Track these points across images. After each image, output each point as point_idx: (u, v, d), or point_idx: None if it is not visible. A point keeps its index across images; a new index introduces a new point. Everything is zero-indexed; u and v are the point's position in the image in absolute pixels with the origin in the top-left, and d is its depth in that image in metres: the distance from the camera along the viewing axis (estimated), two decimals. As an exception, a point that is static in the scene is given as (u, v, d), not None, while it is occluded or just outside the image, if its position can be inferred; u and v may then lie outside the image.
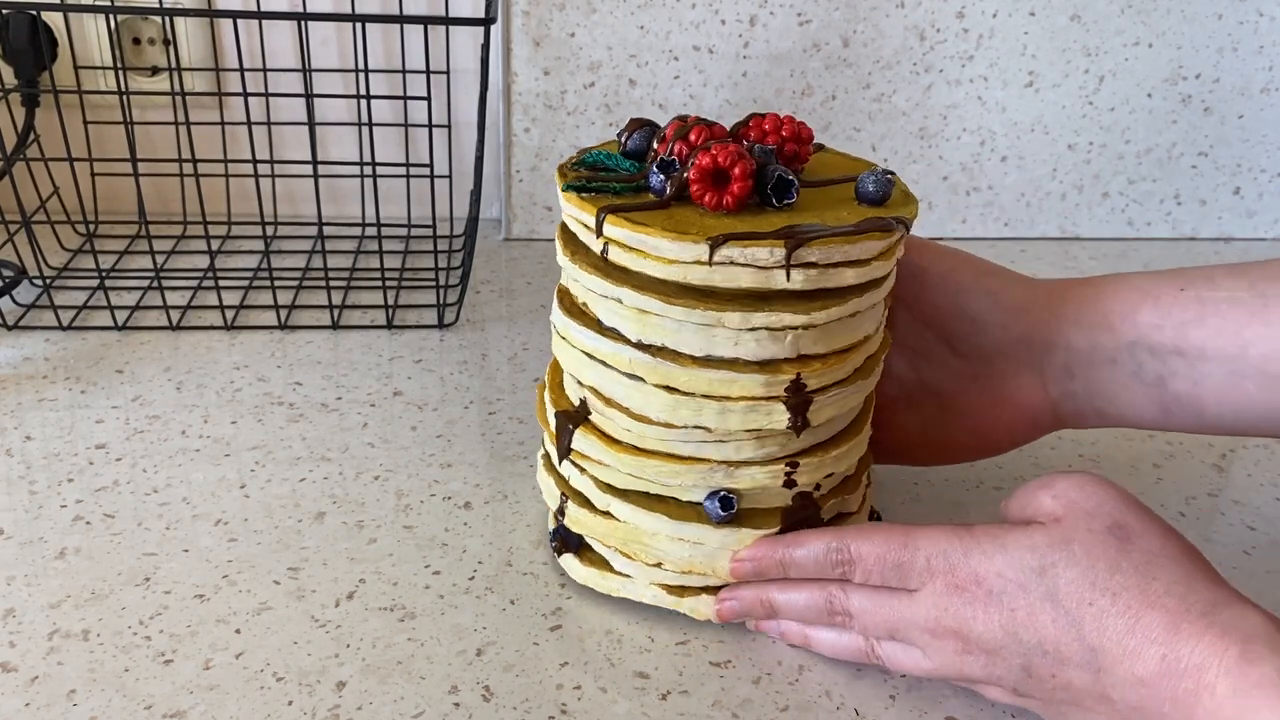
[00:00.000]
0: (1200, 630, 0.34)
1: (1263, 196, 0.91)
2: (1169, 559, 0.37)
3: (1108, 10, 0.83)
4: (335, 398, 0.63)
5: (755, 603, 0.45)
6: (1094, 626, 0.36)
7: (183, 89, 0.69)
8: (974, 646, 0.39)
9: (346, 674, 0.43)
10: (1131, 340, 0.47)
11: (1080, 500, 0.39)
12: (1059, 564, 0.37)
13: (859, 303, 0.43)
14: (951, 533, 0.40)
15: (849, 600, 0.42)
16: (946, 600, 0.39)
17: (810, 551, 0.43)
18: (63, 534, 0.51)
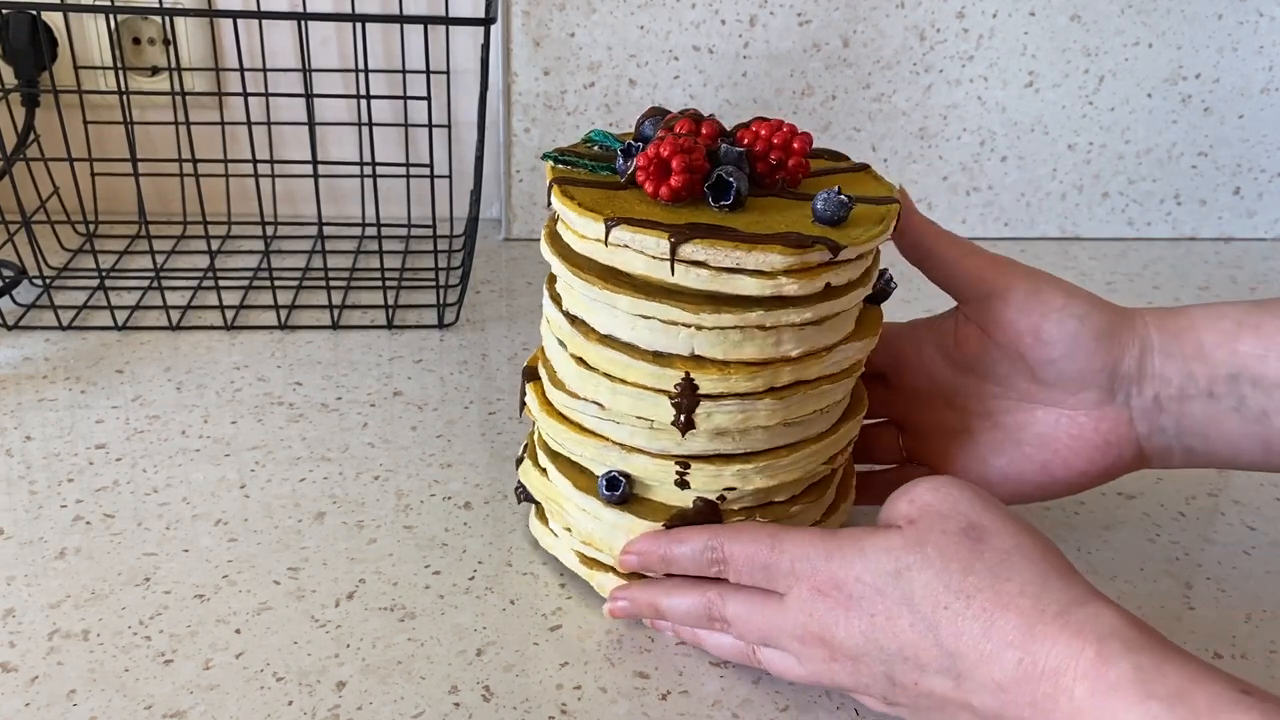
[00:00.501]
0: (1055, 631, 0.34)
1: (1263, 196, 0.91)
2: (1023, 558, 0.36)
3: (1108, 10, 0.83)
4: (335, 398, 0.63)
5: (644, 605, 0.45)
6: (950, 631, 0.36)
7: (183, 89, 0.69)
8: (839, 654, 0.39)
9: (346, 674, 0.43)
10: (1232, 372, 0.44)
11: (935, 503, 0.38)
12: (913, 567, 0.37)
13: (765, 317, 0.41)
14: (816, 536, 0.40)
15: (725, 608, 0.42)
16: (811, 605, 0.39)
17: (690, 549, 0.43)
18: (63, 534, 0.51)
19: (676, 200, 0.42)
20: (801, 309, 0.41)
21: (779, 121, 0.45)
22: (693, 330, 0.41)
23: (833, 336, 0.44)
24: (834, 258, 0.41)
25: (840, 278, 0.42)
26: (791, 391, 0.43)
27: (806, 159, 0.45)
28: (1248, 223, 0.92)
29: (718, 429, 0.43)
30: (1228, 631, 0.48)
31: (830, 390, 0.44)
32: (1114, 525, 0.55)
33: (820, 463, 0.46)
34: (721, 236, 0.40)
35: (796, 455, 0.45)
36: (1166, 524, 0.55)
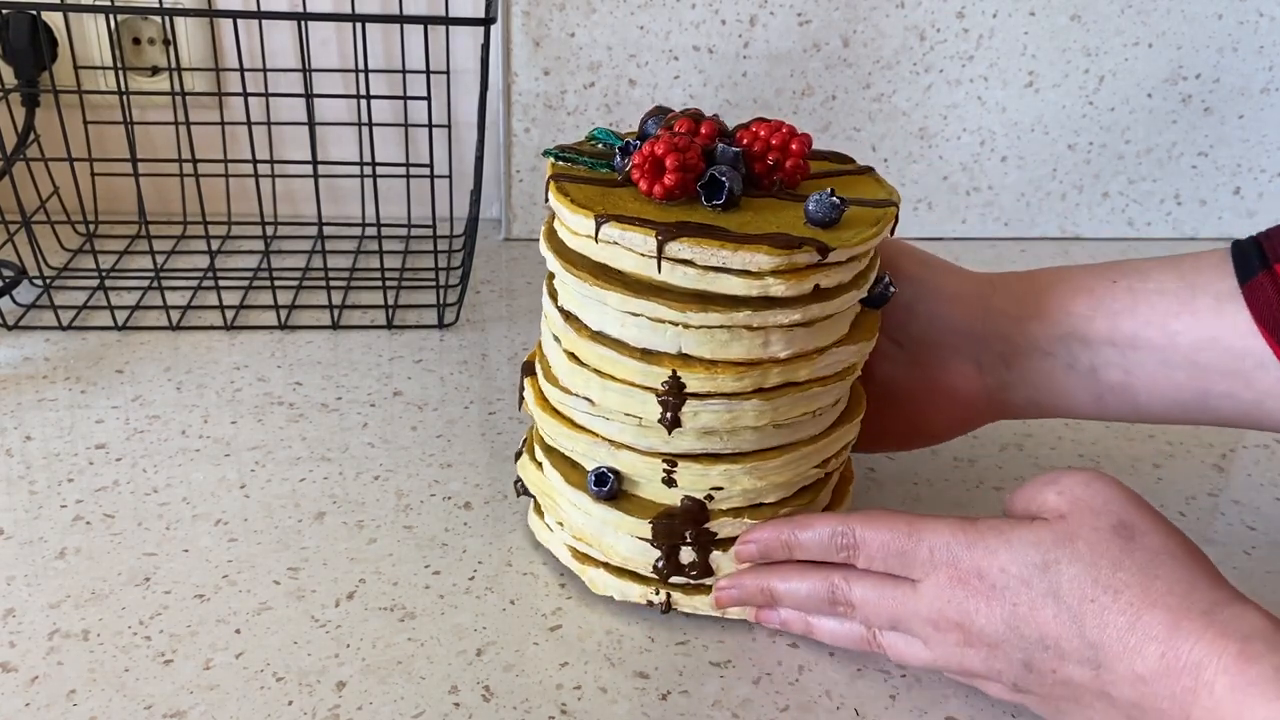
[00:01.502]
0: (1200, 629, 0.35)
1: (1263, 196, 0.91)
2: (1171, 558, 0.37)
3: (1108, 10, 0.83)
4: (335, 398, 0.63)
5: (756, 590, 0.45)
6: (1095, 623, 0.36)
7: (183, 89, 0.69)
8: (975, 639, 0.39)
9: (346, 674, 0.43)
10: (1065, 332, 0.48)
11: (1086, 497, 0.39)
12: (1062, 560, 0.37)
13: (752, 317, 0.41)
14: (956, 525, 0.40)
15: (852, 590, 0.42)
16: (949, 593, 0.39)
17: (816, 535, 0.43)
18: (63, 534, 0.51)
19: (670, 199, 0.42)
20: (790, 310, 0.41)
21: (779, 123, 0.45)
22: (680, 329, 0.42)
23: (824, 339, 0.44)
24: (822, 259, 0.41)
25: (830, 280, 0.42)
26: (780, 393, 0.43)
27: (805, 161, 0.45)
28: (1248, 223, 0.92)
29: (704, 428, 0.43)
30: (1228, 631, 0.48)
31: (821, 394, 0.44)
32: (1114, 525, 0.55)
33: (811, 466, 0.46)
34: (708, 235, 0.40)
35: (785, 458, 0.45)
36: (1166, 524, 0.55)
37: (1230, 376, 0.45)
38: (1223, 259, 0.46)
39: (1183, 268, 0.47)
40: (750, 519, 0.45)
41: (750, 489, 0.45)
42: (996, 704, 0.43)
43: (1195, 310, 0.46)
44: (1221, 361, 0.45)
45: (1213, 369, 0.46)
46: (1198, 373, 0.46)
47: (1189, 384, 0.46)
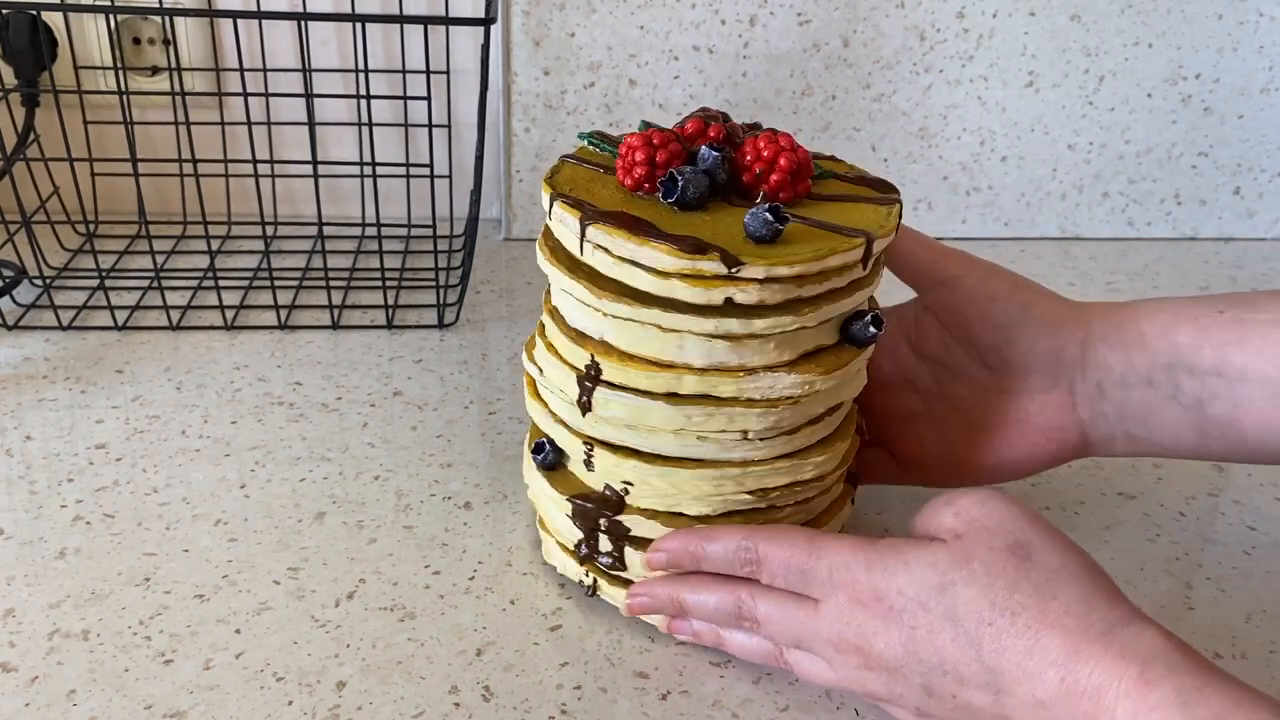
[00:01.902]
0: (1099, 651, 0.34)
1: (1263, 196, 0.91)
2: (1069, 577, 0.36)
3: (1108, 10, 0.83)
4: (335, 398, 0.63)
5: (667, 600, 0.44)
6: (993, 647, 0.36)
7: (183, 89, 0.69)
8: (875, 663, 0.39)
9: (346, 674, 0.43)
10: (1169, 361, 0.45)
11: (981, 517, 0.38)
12: (958, 582, 0.37)
13: (663, 317, 0.41)
14: (857, 545, 0.40)
15: (757, 607, 0.42)
16: (849, 614, 0.39)
17: (722, 548, 0.43)
18: (63, 534, 0.51)
19: (638, 190, 0.43)
20: (701, 319, 0.41)
21: (780, 136, 0.44)
22: (600, 315, 0.42)
23: (752, 359, 0.42)
24: (729, 272, 0.39)
25: (749, 297, 0.40)
26: (695, 403, 0.42)
27: (794, 178, 0.43)
28: (1248, 223, 0.92)
29: (613, 418, 0.44)
30: (1228, 631, 0.48)
31: (747, 416, 0.42)
32: (1114, 525, 0.55)
33: (740, 490, 0.44)
34: (627, 227, 0.41)
35: (704, 473, 0.44)
36: (1166, 524, 0.55)
37: None
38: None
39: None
40: (665, 525, 0.45)
41: (663, 493, 0.44)
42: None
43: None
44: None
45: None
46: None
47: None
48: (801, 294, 0.41)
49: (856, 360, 0.44)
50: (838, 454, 0.46)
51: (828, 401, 0.45)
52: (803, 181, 0.44)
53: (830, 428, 0.46)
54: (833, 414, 0.46)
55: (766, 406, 0.42)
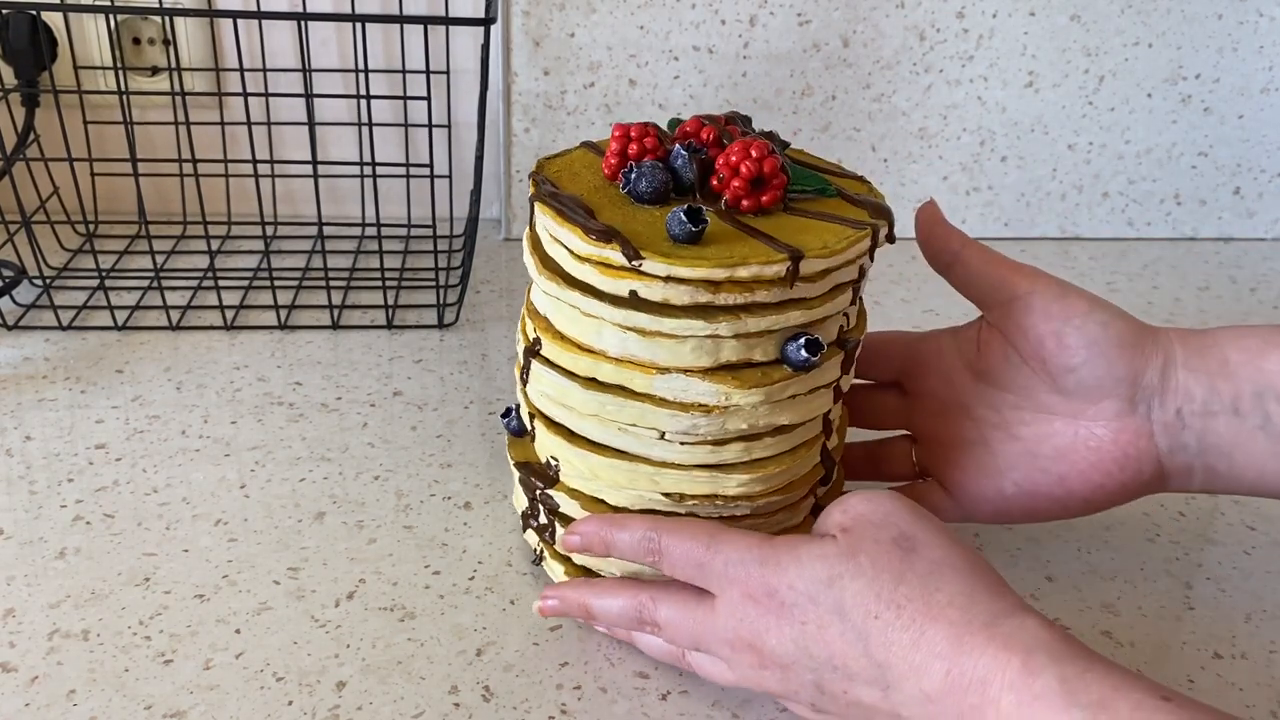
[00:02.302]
0: (983, 643, 0.34)
1: (1263, 196, 0.91)
2: (953, 569, 0.37)
3: (1108, 10, 0.83)
4: (335, 398, 0.63)
5: (574, 604, 0.45)
6: (879, 641, 0.36)
7: (183, 89, 0.69)
8: (769, 660, 0.39)
9: (346, 674, 0.43)
10: (1258, 389, 0.43)
11: (867, 513, 0.39)
12: (845, 575, 0.37)
13: (580, 300, 0.41)
14: (754, 541, 0.39)
15: (657, 611, 0.42)
16: (742, 611, 0.39)
17: (629, 536, 0.42)
18: (63, 534, 0.51)
19: (614, 180, 0.45)
20: (613, 309, 0.41)
21: (755, 145, 0.42)
22: (540, 291, 0.44)
23: (660, 357, 0.41)
24: (630, 265, 0.39)
25: (652, 293, 0.40)
26: (612, 393, 0.43)
27: (754, 188, 0.42)
28: (1248, 223, 0.92)
29: (542, 393, 0.45)
30: (1228, 631, 0.48)
31: (658, 414, 0.42)
32: (1114, 525, 0.55)
33: (655, 490, 0.44)
34: (556, 205, 0.42)
35: (618, 464, 0.44)
36: (1166, 524, 0.55)
37: None
38: None
39: None
40: (585, 508, 0.45)
41: (585, 475, 0.45)
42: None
43: None
44: None
45: None
46: None
47: None
48: (715, 301, 0.40)
49: (788, 383, 0.42)
50: (771, 479, 0.44)
51: (760, 419, 0.43)
52: (768, 191, 0.42)
53: (771, 450, 0.44)
54: (776, 435, 0.44)
55: (679, 409, 0.42)
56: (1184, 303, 0.81)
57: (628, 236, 0.40)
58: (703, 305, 0.40)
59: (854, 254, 0.42)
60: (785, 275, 0.40)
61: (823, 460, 0.47)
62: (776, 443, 0.44)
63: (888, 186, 0.87)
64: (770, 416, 0.43)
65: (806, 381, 0.43)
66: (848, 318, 0.45)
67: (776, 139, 0.47)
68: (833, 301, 0.43)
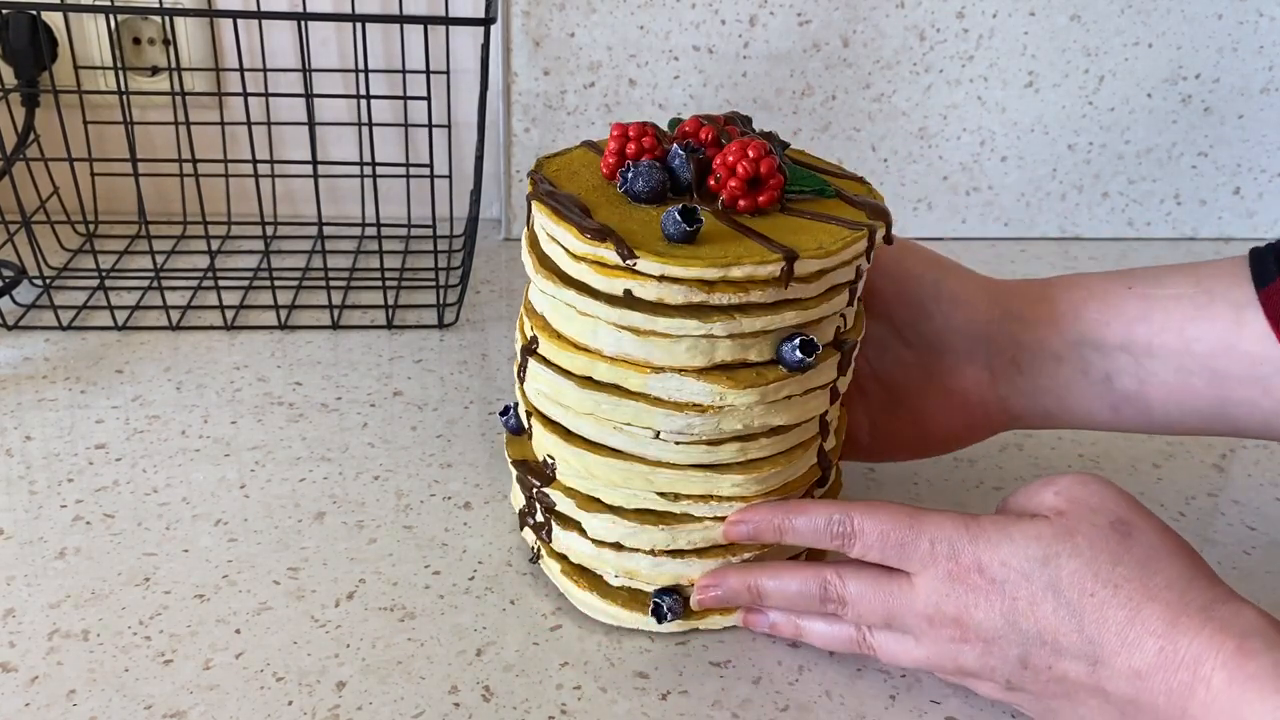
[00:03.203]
0: (1198, 625, 0.35)
1: (1263, 196, 0.91)
2: (1169, 555, 0.37)
3: (1108, 10, 0.83)
4: (335, 398, 0.63)
5: (742, 589, 0.44)
6: (1094, 617, 0.36)
7: (183, 89, 0.69)
8: (971, 634, 0.39)
9: (346, 674, 0.43)
10: (1077, 337, 0.47)
11: (1084, 496, 0.39)
12: (1063, 554, 0.38)
13: (576, 299, 0.42)
14: (958, 519, 0.40)
15: (845, 587, 0.42)
16: (947, 587, 0.39)
17: (811, 521, 0.43)
18: (63, 534, 0.51)
19: (612, 179, 0.45)
20: (608, 308, 0.41)
21: (753, 145, 0.42)
22: (537, 289, 0.44)
23: (655, 356, 0.41)
24: (625, 264, 0.40)
25: (647, 292, 0.40)
26: (607, 391, 0.43)
27: (751, 188, 0.42)
28: (1248, 223, 0.92)
29: (539, 391, 0.45)
30: (1228, 631, 0.48)
31: (653, 414, 0.42)
32: (1114, 525, 0.55)
33: (650, 489, 0.44)
34: (552, 204, 0.42)
35: (613, 463, 0.44)
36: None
37: (1249, 384, 0.45)
38: (1240, 265, 0.46)
39: (1199, 274, 0.46)
40: (581, 507, 0.45)
41: (580, 474, 0.45)
42: (997, 705, 0.43)
43: (1212, 316, 0.45)
44: (1240, 368, 0.44)
45: (1231, 376, 0.45)
46: (1215, 380, 0.45)
47: (1206, 392, 0.45)
48: (709, 300, 0.40)
49: (783, 383, 0.42)
50: (767, 479, 0.44)
51: (755, 419, 0.43)
52: (765, 192, 0.42)
53: (767, 450, 0.44)
54: (772, 436, 0.44)
55: (673, 409, 0.42)
56: (1184, 303, 0.81)
57: (623, 235, 0.40)
58: (697, 305, 0.40)
59: (849, 255, 0.42)
60: (780, 275, 0.40)
61: (819, 462, 0.47)
62: (772, 443, 0.44)
63: (888, 186, 0.87)
64: (765, 417, 0.43)
65: (802, 382, 0.43)
66: (844, 319, 0.45)
67: (776, 139, 0.47)
68: (829, 302, 0.43)
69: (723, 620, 0.46)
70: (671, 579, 0.45)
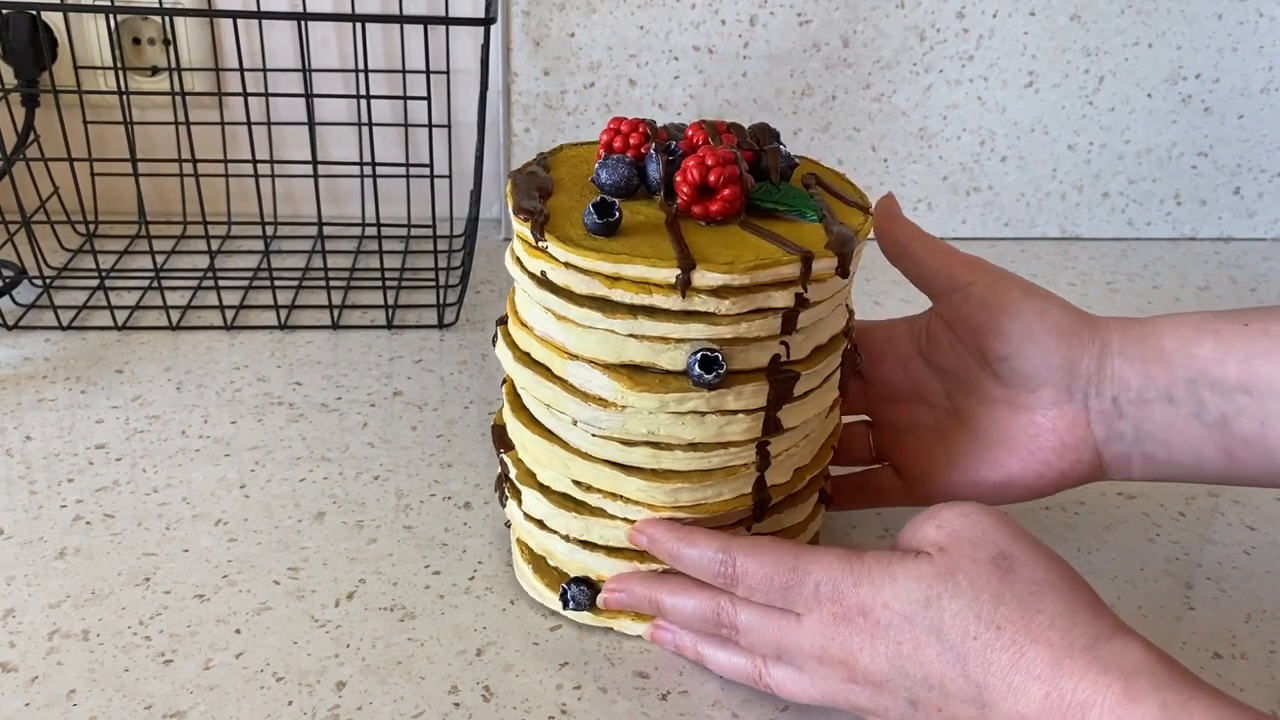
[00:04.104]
0: (1083, 666, 0.34)
1: (1263, 196, 0.91)
2: (1052, 589, 0.36)
3: (1108, 10, 0.83)
4: (335, 398, 0.63)
5: (643, 599, 0.44)
6: (978, 661, 0.35)
7: (183, 89, 0.69)
8: (860, 677, 0.38)
9: (346, 674, 0.43)
10: (1191, 376, 0.43)
11: (964, 529, 0.38)
12: (944, 595, 0.36)
13: (520, 277, 0.43)
14: (843, 559, 0.39)
15: (737, 615, 0.41)
16: (833, 630, 0.38)
17: (699, 554, 0.41)
18: (63, 534, 0.51)
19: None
20: (534, 287, 0.42)
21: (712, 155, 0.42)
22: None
23: (570, 342, 0.42)
24: (537, 244, 0.41)
25: (557, 276, 0.41)
26: (537, 370, 0.44)
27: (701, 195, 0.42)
28: (1248, 223, 0.92)
29: (501, 358, 0.46)
30: (1228, 631, 0.48)
31: (567, 400, 0.42)
32: (1114, 525, 0.55)
33: (568, 475, 0.44)
34: (516, 178, 0.45)
35: (539, 440, 0.45)
36: (1166, 524, 0.55)
37: None
38: None
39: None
40: (521, 480, 0.46)
41: (521, 444, 0.46)
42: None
43: None
44: None
45: None
46: None
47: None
48: (610, 296, 0.40)
49: (686, 395, 0.41)
50: (678, 493, 0.43)
51: (661, 427, 0.42)
52: (715, 201, 0.41)
53: (681, 464, 0.43)
54: (690, 452, 0.42)
55: (583, 398, 0.42)
56: (1184, 303, 0.81)
57: (556, 221, 0.41)
58: (600, 298, 0.40)
59: (768, 278, 0.40)
60: (675, 282, 0.39)
61: (755, 495, 0.45)
62: (689, 459, 0.43)
63: (888, 186, 0.87)
64: (673, 428, 0.42)
65: (712, 401, 0.41)
66: (786, 348, 0.42)
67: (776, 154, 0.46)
68: (750, 324, 0.40)
69: (634, 626, 0.46)
70: (581, 569, 0.46)
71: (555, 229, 0.41)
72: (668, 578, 0.44)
